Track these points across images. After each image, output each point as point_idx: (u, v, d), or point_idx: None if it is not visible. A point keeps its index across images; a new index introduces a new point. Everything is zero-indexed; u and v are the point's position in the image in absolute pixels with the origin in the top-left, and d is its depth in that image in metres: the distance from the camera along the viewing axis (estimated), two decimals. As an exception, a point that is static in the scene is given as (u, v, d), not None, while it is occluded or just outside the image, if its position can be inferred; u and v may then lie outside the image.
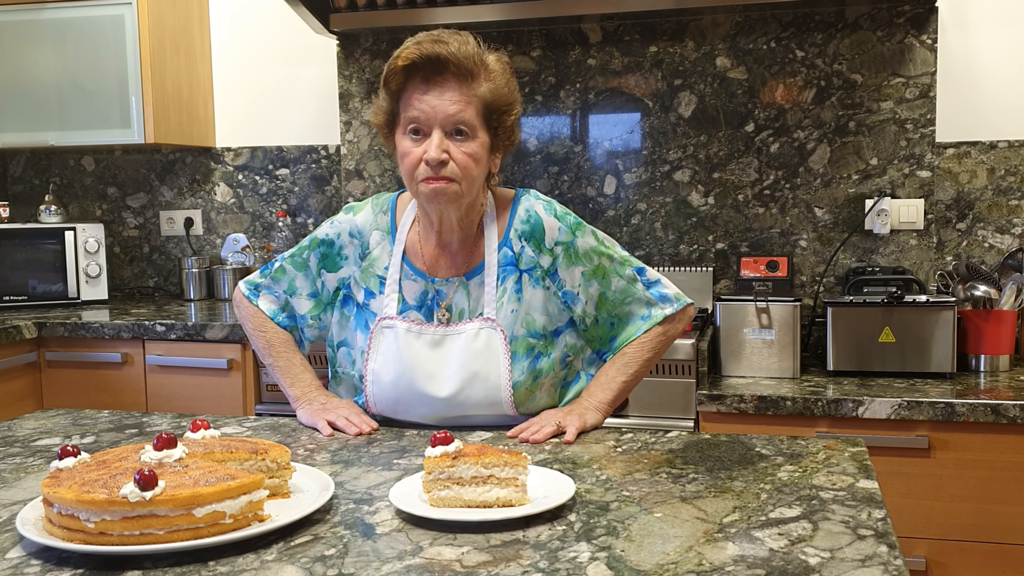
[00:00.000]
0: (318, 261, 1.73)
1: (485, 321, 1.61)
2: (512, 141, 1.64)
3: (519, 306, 1.63)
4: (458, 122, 1.53)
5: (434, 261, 1.67)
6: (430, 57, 1.51)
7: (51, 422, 1.72)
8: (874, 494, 1.22)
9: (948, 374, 2.43)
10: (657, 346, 1.70)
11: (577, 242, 1.66)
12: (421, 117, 1.53)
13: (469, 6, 2.87)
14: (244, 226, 3.55)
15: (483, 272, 1.64)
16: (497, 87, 1.57)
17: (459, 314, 1.64)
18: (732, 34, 2.94)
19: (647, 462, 1.40)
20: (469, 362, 1.60)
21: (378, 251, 1.69)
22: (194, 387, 2.83)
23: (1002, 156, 2.79)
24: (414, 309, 1.66)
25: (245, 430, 1.66)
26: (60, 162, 3.71)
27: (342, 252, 1.72)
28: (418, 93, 1.53)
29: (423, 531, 1.13)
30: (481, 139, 1.56)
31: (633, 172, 3.06)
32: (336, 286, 1.73)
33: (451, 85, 1.52)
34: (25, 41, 3.25)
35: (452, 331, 1.62)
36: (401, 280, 1.67)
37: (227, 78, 3.53)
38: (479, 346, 1.61)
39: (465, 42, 1.54)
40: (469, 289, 1.65)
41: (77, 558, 1.06)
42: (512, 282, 1.63)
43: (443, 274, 1.66)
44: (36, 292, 3.28)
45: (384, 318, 1.65)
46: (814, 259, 2.92)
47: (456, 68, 1.52)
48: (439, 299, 1.65)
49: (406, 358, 1.62)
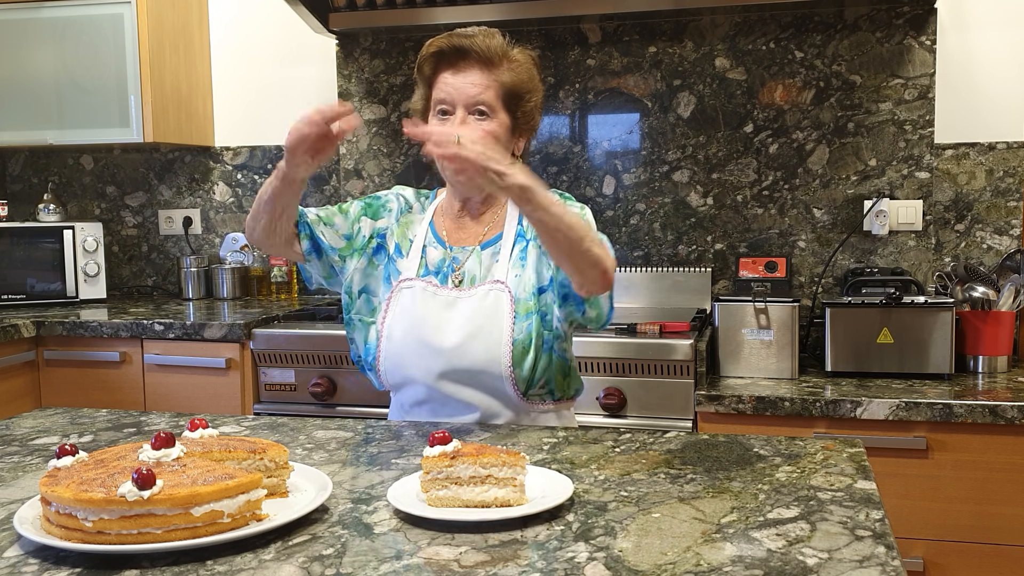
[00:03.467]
0: (361, 209, 1.83)
1: (495, 283, 1.71)
2: (532, 126, 1.77)
3: (522, 271, 1.73)
4: (479, 103, 1.67)
5: (454, 231, 1.80)
6: (456, 46, 1.68)
7: (49, 421, 1.72)
8: (872, 495, 1.22)
9: (946, 375, 2.43)
10: (595, 236, 1.59)
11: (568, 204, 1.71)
12: (447, 98, 1.68)
13: (469, 6, 2.87)
14: (243, 225, 3.54)
15: (499, 242, 1.76)
16: (518, 75, 1.71)
17: (471, 280, 1.74)
18: (731, 35, 2.94)
19: (645, 462, 1.40)
20: (475, 318, 1.70)
21: (415, 216, 1.85)
22: (192, 386, 2.83)
23: (1000, 157, 2.79)
24: (433, 274, 1.77)
25: (243, 429, 1.66)
26: (59, 161, 3.71)
27: (387, 206, 1.85)
28: (445, 76, 1.69)
29: (421, 531, 1.13)
30: (501, 119, 1.69)
31: (632, 172, 3.06)
32: (371, 234, 1.82)
33: (474, 70, 1.68)
34: (24, 40, 3.25)
35: (464, 294, 1.72)
36: (425, 247, 1.79)
37: (226, 77, 3.53)
38: (487, 305, 1.70)
39: (491, 35, 1.69)
40: (482, 258, 1.76)
41: (75, 557, 1.06)
42: (519, 249, 1.75)
43: (460, 243, 1.78)
44: (34, 291, 3.27)
45: (405, 279, 1.76)
46: (813, 260, 2.93)
47: (479, 56, 1.67)
48: (454, 265, 1.76)
49: (419, 313, 1.72)
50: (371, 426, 1.66)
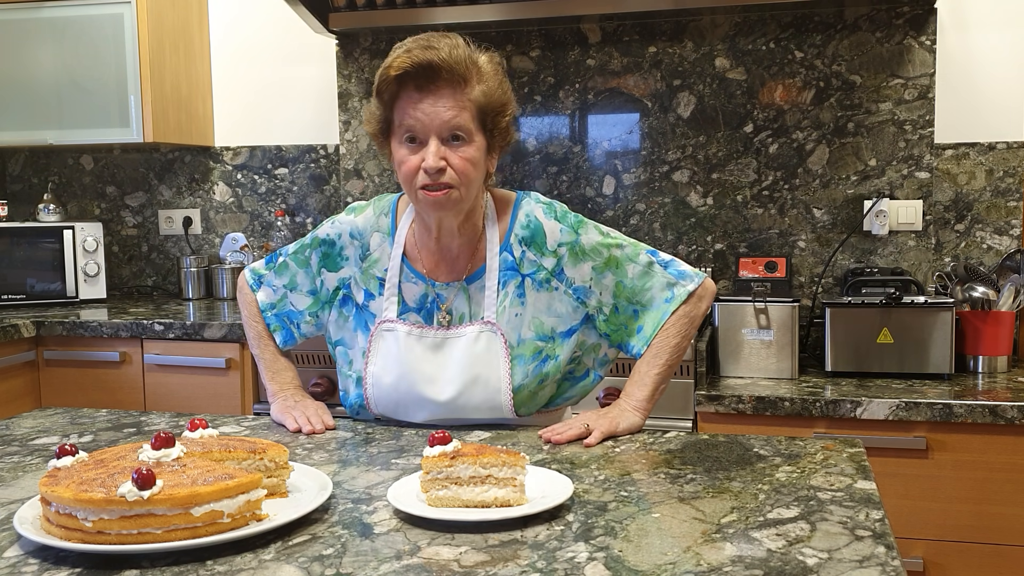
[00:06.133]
0: (319, 260, 1.74)
1: (485, 324, 1.62)
2: (508, 141, 1.63)
3: (523, 310, 1.63)
4: (454, 128, 1.52)
5: (434, 265, 1.67)
6: (422, 65, 1.49)
7: (49, 421, 1.72)
8: (872, 495, 1.23)
9: (946, 375, 2.43)
10: (683, 329, 1.65)
11: (581, 240, 1.65)
12: (417, 126, 1.52)
13: (468, 6, 2.87)
14: (243, 225, 3.55)
15: (484, 276, 1.64)
16: (490, 89, 1.55)
17: (459, 318, 1.64)
18: (731, 35, 2.94)
19: (645, 462, 1.40)
20: (469, 366, 1.61)
21: (378, 253, 1.69)
22: (192, 386, 2.83)
23: (1000, 157, 2.79)
24: (414, 311, 1.66)
25: (243, 429, 1.66)
26: (59, 161, 3.71)
27: (343, 253, 1.72)
28: (412, 102, 1.52)
29: (421, 531, 1.13)
30: (477, 143, 1.55)
31: (632, 172, 3.06)
32: (336, 286, 1.73)
33: (445, 92, 1.51)
34: (24, 40, 3.25)
35: (452, 335, 1.63)
36: (401, 283, 1.67)
37: (226, 77, 3.53)
38: (479, 350, 1.61)
39: (455, 45, 1.52)
40: (470, 293, 1.65)
41: (75, 557, 1.06)
42: (514, 287, 1.64)
43: (444, 278, 1.66)
44: (34, 291, 3.27)
45: (384, 321, 1.66)
46: (813, 260, 2.93)
47: (448, 74, 1.50)
48: (439, 302, 1.65)
49: (406, 361, 1.63)
50: (371, 426, 1.66)
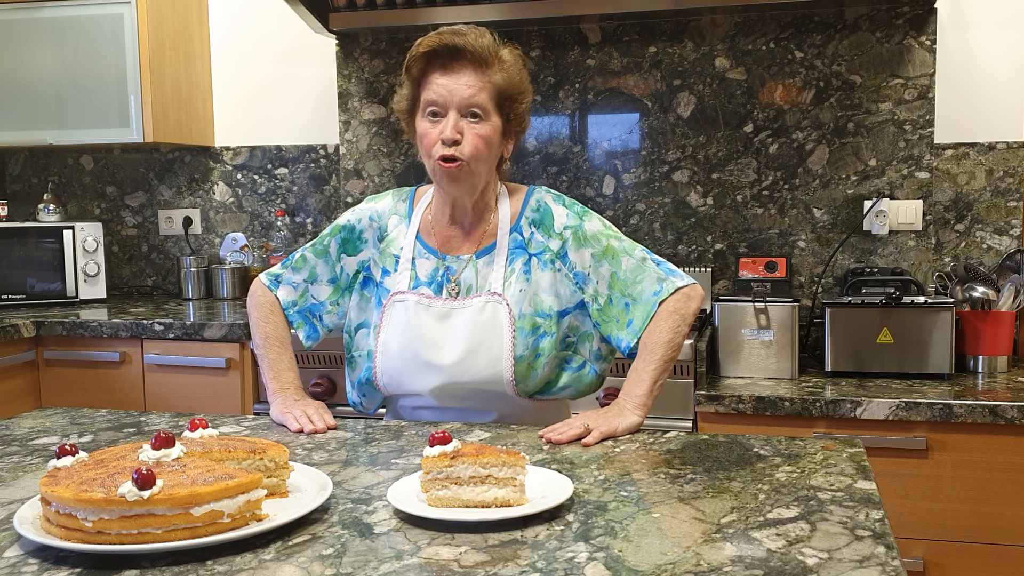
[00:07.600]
0: (339, 246, 1.82)
1: (492, 295, 1.69)
2: (523, 128, 1.75)
3: (527, 286, 1.70)
4: (472, 105, 1.62)
5: (447, 240, 1.75)
6: (448, 45, 1.62)
7: (49, 421, 1.72)
8: (872, 495, 1.23)
9: (946, 375, 2.43)
10: (674, 325, 1.67)
11: (584, 226, 1.73)
12: (439, 100, 1.63)
13: (468, 6, 2.87)
14: (243, 225, 3.55)
15: (494, 251, 1.72)
16: (510, 76, 1.67)
17: (467, 289, 1.72)
18: (731, 35, 2.94)
19: (645, 462, 1.40)
20: (474, 333, 1.67)
21: (395, 233, 1.79)
22: (192, 386, 2.83)
23: (1000, 157, 2.79)
24: (425, 285, 1.73)
25: (243, 429, 1.66)
26: (59, 161, 3.71)
27: (362, 236, 1.81)
28: (436, 76, 1.64)
29: (421, 531, 1.13)
30: (493, 122, 1.66)
31: (632, 172, 3.06)
32: (356, 269, 1.81)
33: (467, 71, 1.63)
34: (24, 40, 3.25)
35: (460, 304, 1.70)
36: (415, 258, 1.75)
37: (226, 77, 3.53)
38: (485, 318, 1.67)
39: (482, 35, 1.65)
40: (479, 267, 1.72)
41: (75, 557, 1.06)
42: (521, 263, 1.71)
43: (455, 252, 1.74)
44: (34, 291, 3.27)
45: (396, 293, 1.73)
46: (813, 260, 2.93)
47: (472, 56, 1.63)
48: (449, 275, 1.73)
49: (414, 327, 1.70)
50: (371, 426, 1.66)
